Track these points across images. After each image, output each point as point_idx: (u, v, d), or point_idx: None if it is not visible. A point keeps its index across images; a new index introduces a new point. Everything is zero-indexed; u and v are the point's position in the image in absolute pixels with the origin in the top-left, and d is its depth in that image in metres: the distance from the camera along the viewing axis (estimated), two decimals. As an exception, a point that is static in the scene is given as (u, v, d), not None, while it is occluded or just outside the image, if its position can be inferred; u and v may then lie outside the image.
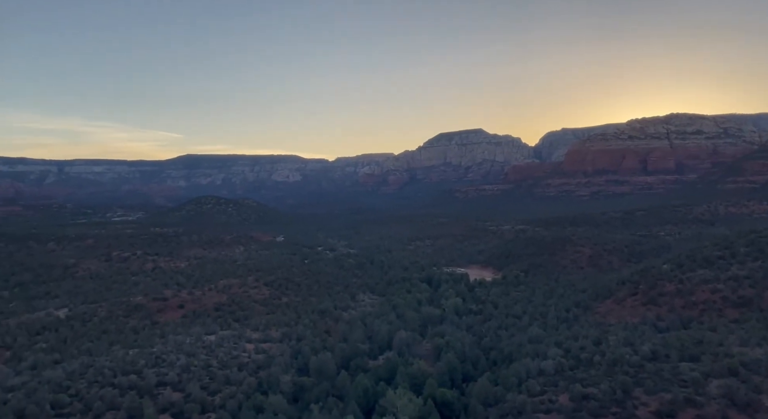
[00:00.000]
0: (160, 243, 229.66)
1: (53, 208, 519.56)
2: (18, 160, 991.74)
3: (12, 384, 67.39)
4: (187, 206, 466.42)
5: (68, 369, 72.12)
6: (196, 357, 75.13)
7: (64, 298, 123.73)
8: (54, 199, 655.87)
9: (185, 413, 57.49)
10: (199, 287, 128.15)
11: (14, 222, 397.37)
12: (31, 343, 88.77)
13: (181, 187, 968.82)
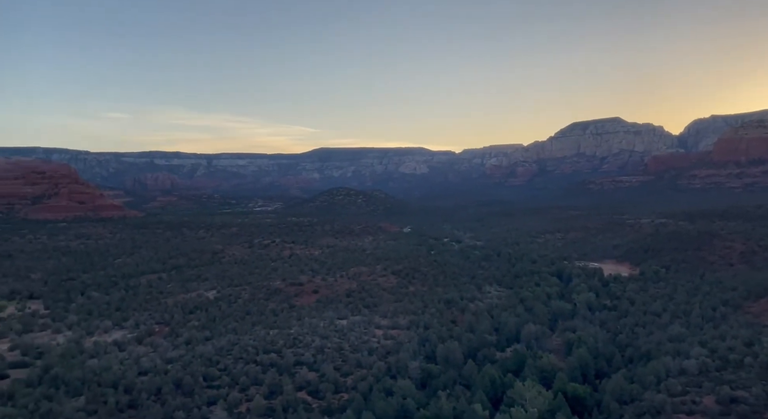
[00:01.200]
0: (296, 232, 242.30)
1: (203, 199, 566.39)
2: (173, 154, 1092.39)
3: (170, 357, 75.08)
4: (320, 197, 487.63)
5: (217, 345, 78.97)
6: (330, 340, 79.04)
7: (212, 281, 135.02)
8: (203, 190, 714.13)
9: (320, 392, 60.81)
10: (331, 274, 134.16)
11: (171, 211, 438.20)
12: (186, 321, 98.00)
13: (315, 179, 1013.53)
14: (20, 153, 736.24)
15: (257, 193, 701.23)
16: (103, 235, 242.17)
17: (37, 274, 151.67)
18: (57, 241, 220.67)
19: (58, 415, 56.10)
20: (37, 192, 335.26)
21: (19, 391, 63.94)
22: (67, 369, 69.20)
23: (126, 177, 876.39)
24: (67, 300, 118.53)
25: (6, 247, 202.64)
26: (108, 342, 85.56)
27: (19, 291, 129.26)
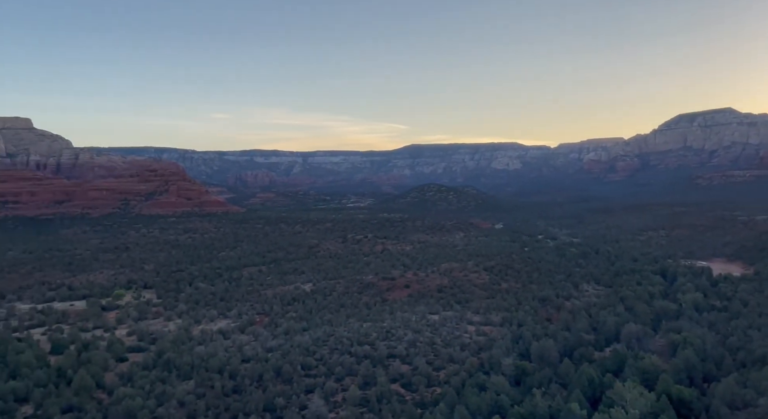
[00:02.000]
0: (388, 228, 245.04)
1: (299, 195, 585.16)
2: (272, 152, 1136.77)
3: (270, 346, 78.62)
4: (411, 194, 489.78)
5: (314, 336, 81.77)
6: (422, 334, 79.69)
7: (309, 274, 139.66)
8: (299, 187, 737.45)
9: (413, 384, 61.57)
10: (422, 269, 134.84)
11: (269, 207, 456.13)
12: (284, 312, 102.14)
13: (406, 176, 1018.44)
14: (134, 152, 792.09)
15: (350, 189, 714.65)
16: (208, 230, 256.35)
17: (150, 266, 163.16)
18: (167, 235, 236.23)
19: (171, 396, 60.34)
20: (149, 189, 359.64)
21: (136, 373, 69.41)
22: (178, 355, 74.25)
23: (228, 174, 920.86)
24: (177, 290, 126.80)
25: (123, 240, 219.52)
26: (213, 330, 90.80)
27: (135, 281, 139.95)
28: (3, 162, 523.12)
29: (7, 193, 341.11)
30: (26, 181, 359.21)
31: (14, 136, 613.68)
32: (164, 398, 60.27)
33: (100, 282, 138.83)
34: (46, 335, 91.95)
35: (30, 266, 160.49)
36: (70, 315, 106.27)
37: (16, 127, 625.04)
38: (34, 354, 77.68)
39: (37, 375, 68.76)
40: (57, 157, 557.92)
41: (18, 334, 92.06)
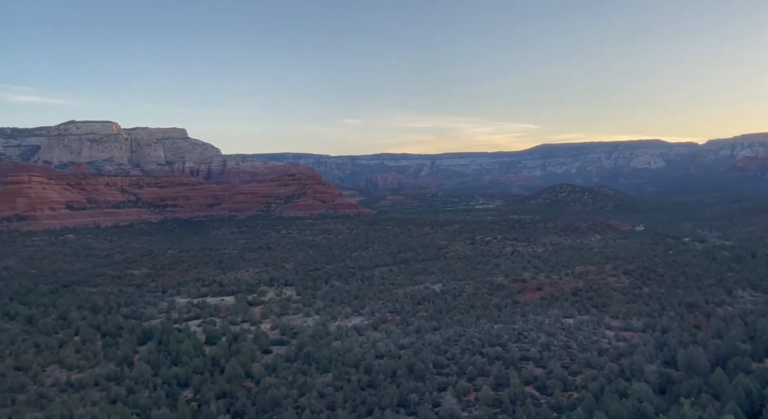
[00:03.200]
0: (518, 229, 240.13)
1: (427, 197, 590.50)
2: (401, 155, 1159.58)
3: (402, 343, 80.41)
4: (542, 194, 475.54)
5: (444, 335, 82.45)
6: (556, 338, 77.49)
7: (438, 275, 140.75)
8: (427, 189, 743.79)
9: (548, 388, 60.15)
10: (555, 272, 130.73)
11: (399, 208, 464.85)
12: (415, 311, 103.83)
13: (537, 176, 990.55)
14: (275, 158, 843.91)
15: (478, 191, 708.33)
16: (342, 231, 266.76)
17: (290, 264, 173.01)
18: (305, 236, 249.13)
19: (311, 388, 63.92)
20: (288, 192, 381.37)
21: (280, 365, 74.23)
22: (316, 349, 78.30)
23: (360, 177, 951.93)
24: (314, 288, 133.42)
25: (266, 241, 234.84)
26: (348, 326, 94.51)
27: (276, 279, 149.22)
28: (163, 169, 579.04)
29: (167, 197, 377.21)
30: (183, 186, 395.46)
31: (172, 145, 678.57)
32: (305, 389, 63.96)
33: (246, 280, 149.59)
34: (201, 327, 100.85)
35: (186, 264, 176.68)
36: (221, 310, 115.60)
37: (173, 136, 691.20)
38: (192, 343, 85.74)
39: (195, 363, 75.87)
40: (208, 164, 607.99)
41: (178, 326, 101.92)
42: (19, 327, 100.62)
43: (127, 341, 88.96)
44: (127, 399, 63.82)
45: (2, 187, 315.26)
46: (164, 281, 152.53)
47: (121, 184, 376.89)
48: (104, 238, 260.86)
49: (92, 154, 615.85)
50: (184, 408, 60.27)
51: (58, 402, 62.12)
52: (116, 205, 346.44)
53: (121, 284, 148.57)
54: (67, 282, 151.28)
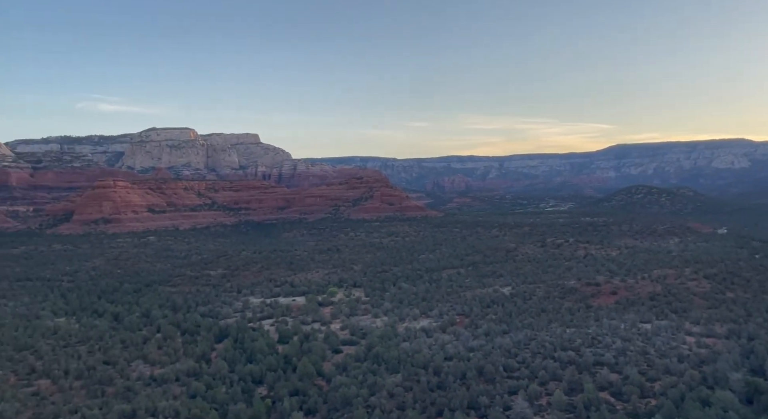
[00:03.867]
0: (591, 232, 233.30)
1: (495, 199, 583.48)
2: (468, 157, 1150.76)
3: (471, 346, 79.96)
4: (616, 196, 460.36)
5: (515, 339, 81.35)
6: (632, 343, 74.93)
7: (507, 278, 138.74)
8: (495, 191, 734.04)
9: (624, 394, 58.32)
10: (631, 275, 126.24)
11: (466, 211, 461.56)
12: (484, 314, 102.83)
13: (611, 178, 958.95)
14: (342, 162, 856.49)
15: (548, 193, 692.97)
16: (409, 233, 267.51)
17: (358, 266, 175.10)
18: (372, 238, 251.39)
19: (381, 387, 64.62)
20: (356, 195, 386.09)
21: (350, 364, 75.37)
22: (385, 349, 79.01)
23: (426, 180, 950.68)
24: (382, 290, 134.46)
25: (335, 243, 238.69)
26: (417, 328, 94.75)
27: (345, 280, 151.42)
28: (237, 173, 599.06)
29: (240, 200, 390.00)
30: (255, 190, 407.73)
31: (245, 150, 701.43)
32: (375, 388, 64.72)
33: (316, 281, 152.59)
34: (274, 326, 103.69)
35: (259, 265, 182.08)
36: (293, 309, 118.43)
37: (246, 142, 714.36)
38: (265, 342, 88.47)
39: (268, 361, 78.20)
40: (279, 168, 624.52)
41: (252, 324, 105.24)
42: (107, 323, 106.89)
43: (205, 339, 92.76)
44: (206, 394, 66.55)
45: (90, 192, 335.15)
46: (239, 281, 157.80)
47: (198, 188, 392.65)
48: (182, 240, 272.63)
49: (171, 159, 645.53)
50: (260, 404, 62.29)
51: (143, 395, 65.56)
52: (193, 208, 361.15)
53: (199, 284, 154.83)
54: (149, 281, 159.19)
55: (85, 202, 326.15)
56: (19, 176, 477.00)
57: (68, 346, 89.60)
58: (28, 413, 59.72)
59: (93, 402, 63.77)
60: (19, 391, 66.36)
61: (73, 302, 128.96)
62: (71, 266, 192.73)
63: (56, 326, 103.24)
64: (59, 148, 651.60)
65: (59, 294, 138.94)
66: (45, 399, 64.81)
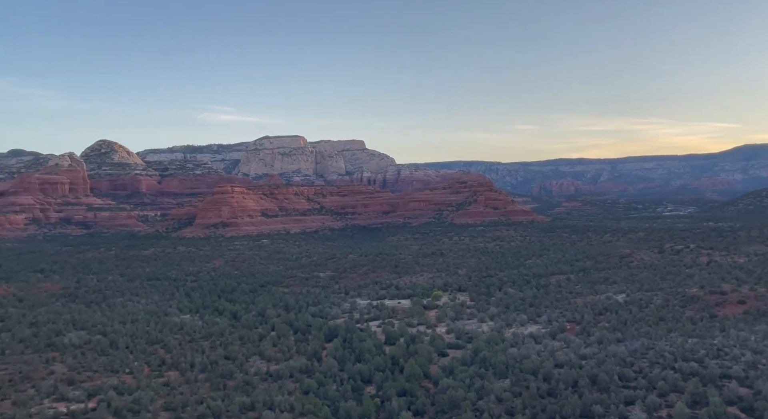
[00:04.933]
0: (714, 238, 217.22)
1: (607, 203, 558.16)
2: (577, 160, 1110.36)
3: (583, 353, 77.28)
4: (743, 200, 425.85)
5: (630, 347, 77.64)
6: (764, 356, 69.20)
7: (621, 284, 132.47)
8: (607, 195, 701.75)
9: (756, 410, 54.03)
10: (762, 284, 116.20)
11: (575, 215, 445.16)
12: (596, 321, 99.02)
13: (736, 180, 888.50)
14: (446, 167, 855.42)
15: (666, 196, 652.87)
16: (514, 238, 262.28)
17: (463, 270, 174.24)
18: (476, 242, 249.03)
19: (489, 392, 64.10)
20: (459, 199, 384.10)
21: (456, 368, 75.30)
22: (493, 354, 78.22)
23: (532, 184, 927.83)
24: (488, 294, 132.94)
25: (439, 247, 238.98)
26: (524, 334, 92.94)
27: (450, 284, 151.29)
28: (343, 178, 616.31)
29: (347, 205, 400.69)
30: (361, 195, 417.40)
31: (352, 157, 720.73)
32: (483, 392, 64.28)
33: (421, 284, 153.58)
34: (380, 328, 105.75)
35: (366, 268, 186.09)
36: (398, 312, 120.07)
37: (353, 148, 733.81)
38: (372, 343, 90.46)
39: (376, 361, 79.90)
40: (383, 173, 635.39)
41: (359, 325, 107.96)
42: (227, 321, 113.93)
43: (316, 338, 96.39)
44: (318, 391, 69.16)
45: (210, 197, 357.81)
46: (346, 283, 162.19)
47: (307, 193, 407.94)
48: (293, 243, 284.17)
49: (283, 165, 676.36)
50: (369, 402, 63.84)
51: (261, 389, 69.27)
52: (303, 212, 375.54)
53: (309, 285, 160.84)
54: (263, 282, 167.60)
55: (206, 207, 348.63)
56: (148, 183, 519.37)
57: (193, 341, 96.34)
58: (160, 401, 64.87)
59: (216, 393, 68.17)
60: (152, 381, 72.30)
61: (196, 300, 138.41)
62: (194, 267, 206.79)
63: (182, 322, 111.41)
64: (183, 157, 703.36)
65: (184, 293, 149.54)
66: (174, 389, 70.12)
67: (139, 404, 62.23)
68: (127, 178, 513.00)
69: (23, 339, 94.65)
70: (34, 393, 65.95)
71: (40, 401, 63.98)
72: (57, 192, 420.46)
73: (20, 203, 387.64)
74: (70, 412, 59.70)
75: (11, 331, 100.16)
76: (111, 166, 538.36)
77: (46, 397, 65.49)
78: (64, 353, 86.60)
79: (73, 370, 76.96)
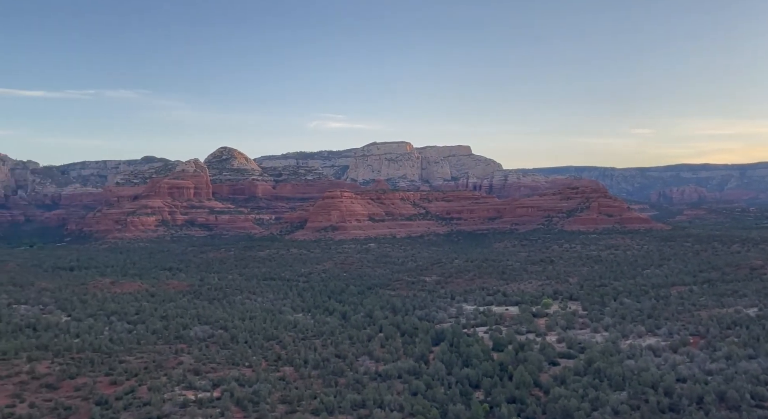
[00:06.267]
0: None
1: (735, 212, 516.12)
2: (700, 166, 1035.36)
3: (709, 369, 72.32)
4: None
5: (763, 364, 71.65)
6: None
7: (752, 298, 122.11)
8: (735, 203, 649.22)
9: None
10: None
11: (698, 224, 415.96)
12: (723, 336, 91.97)
13: None
14: (555, 172, 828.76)
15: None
16: (631, 246, 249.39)
17: (574, 279, 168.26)
18: (589, 250, 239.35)
19: (604, 403, 61.67)
20: (570, 206, 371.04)
21: (569, 377, 73.06)
22: (608, 365, 75.07)
23: (650, 191, 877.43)
24: (602, 304, 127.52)
25: (548, 254, 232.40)
26: (642, 346, 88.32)
27: (560, 292, 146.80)
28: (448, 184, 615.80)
29: (452, 210, 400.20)
30: (467, 200, 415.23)
31: (457, 162, 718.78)
32: (598, 404, 61.93)
33: (530, 291, 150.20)
34: (488, 333, 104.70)
35: (472, 273, 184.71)
36: (506, 319, 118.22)
37: (458, 154, 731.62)
38: (480, 348, 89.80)
39: (484, 367, 79.22)
40: (489, 179, 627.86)
41: (466, 330, 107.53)
42: (336, 321, 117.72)
43: (423, 341, 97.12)
44: (426, 393, 69.73)
45: (320, 202, 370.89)
46: (452, 288, 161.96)
47: (413, 199, 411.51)
48: (399, 247, 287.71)
49: (389, 171, 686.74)
50: (478, 407, 63.54)
51: (370, 388, 70.94)
52: (409, 217, 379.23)
53: (415, 289, 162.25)
54: (371, 284, 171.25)
55: (316, 211, 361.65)
56: (264, 188, 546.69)
57: (305, 339, 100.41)
58: (277, 394, 68.27)
59: (328, 390, 70.67)
60: (269, 375, 76.23)
61: (308, 300, 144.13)
62: (305, 268, 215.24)
63: (295, 320, 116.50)
64: (295, 163, 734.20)
65: (297, 293, 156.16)
66: (289, 384, 73.50)
67: (259, 396, 65.83)
68: (245, 183, 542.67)
69: (155, 330, 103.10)
70: (166, 381, 71.56)
71: (171, 388, 69.33)
72: (183, 196, 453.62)
73: (151, 206, 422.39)
74: (198, 400, 64.29)
75: (145, 323, 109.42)
76: (231, 171, 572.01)
77: (177, 385, 70.88)
78: (191, 345, 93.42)
79: (199, 361, 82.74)
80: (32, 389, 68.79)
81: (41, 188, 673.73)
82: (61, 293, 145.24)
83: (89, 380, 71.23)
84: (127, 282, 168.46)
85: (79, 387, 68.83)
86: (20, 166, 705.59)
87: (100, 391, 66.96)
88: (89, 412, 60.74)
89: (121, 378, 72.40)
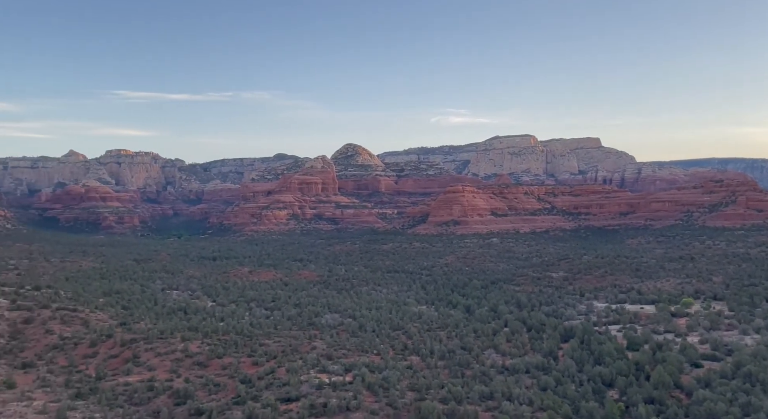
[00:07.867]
0: None
1: None
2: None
3: None
4: None
5: None
6: None
7: None
8: None
9: None
10: None
11: None
12: None
13: None
14: (695, 165, 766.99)
15: None
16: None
17: (719, 277, 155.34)
18: (735, 248, 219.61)
19: (757, 409, 56.88)
20: (713, 200, 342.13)
21: (714, 380, 68.04)
22: (760, 369, 68.97)
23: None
24: (751, 305, 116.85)
25: (687, 251, 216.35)
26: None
27: (702, 292, 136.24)
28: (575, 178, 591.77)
29: (580, 205, 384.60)
30: (596, 195, 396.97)
31: (585, 155, 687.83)
32: (750, 409, 57.20)
33: (667, 290, 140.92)
34: (621, 332, 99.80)
35: (602, 270, 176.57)
36: (641, 317, 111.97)
37: (586, 146, 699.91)
38: (613, 346, 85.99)
39: (618, 365, 75.85)
40: (621, 172, 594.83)
41: (597, 328, 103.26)
42: (460, 314, 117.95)
43: (551, 337, 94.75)
44: (556, 389, 68.12)
45: (442, 196, 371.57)
46: (581, 285, 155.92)
47: (537, 193, 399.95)
48: (523, 242, 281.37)
49: (512, 165, 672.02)
50: (613, 406, 61.09)
51: (498, 380, 70.55)
52: (533, 212, 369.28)
53: (541, 285, 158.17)
54: (494, 279, 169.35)
55: (438, 205, 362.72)
56: (386, 183, 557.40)
57: (430, 330, 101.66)
58: (405, 382, 69.86)
59: (455, 380, 71.20)
60: (397, 363, 78.19)
61: (431, 293, 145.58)
62: (428, 262, 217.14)
63: (420, 312, 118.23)
64: (417, 158, 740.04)
65: (420, 286, 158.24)
66: (417, 373, 74.95)
67: (388, 382, 67.77)
68: (369, 179, 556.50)
69: (290, 317, 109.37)
70: (302, 364, 75.74)
71: (306, 371, 73.23)
72: (311, 191, 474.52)
73: (283, 201, 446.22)
74: (331, 383, 67.46)
75: (281, 310, 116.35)
76: (355, 167, 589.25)
77: (312, 368, 74.75)
78: (323, 332, 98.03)
79: (331, 347, 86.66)
80: (186, 366, 75.82)
81: (187, 184, 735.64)
82: (206, 280, 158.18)
83: (234, 360, 77.15)
84: (263, 271, 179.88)
85: (226, 366, 74.80)
86: (169, 164, 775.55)
87: (244, 371, 72.33)
88: (236, 389, 65.84)
89: (262, 360, 77.61)
